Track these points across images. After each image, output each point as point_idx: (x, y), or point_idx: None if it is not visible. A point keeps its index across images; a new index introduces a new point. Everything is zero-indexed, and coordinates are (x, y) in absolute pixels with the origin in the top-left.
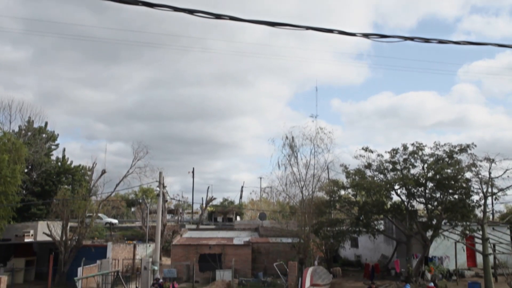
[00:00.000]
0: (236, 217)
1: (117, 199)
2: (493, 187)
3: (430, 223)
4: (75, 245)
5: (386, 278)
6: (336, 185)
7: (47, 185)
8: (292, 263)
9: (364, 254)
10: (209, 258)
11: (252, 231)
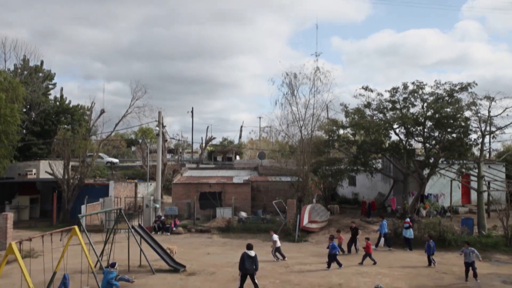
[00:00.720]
0: (236, 156)
1: (117, 138)
2: (491, 125)
3: (428, 161)
4: (78, 184)
5: (382, 215)
6: (335, 125)
7: (47, 125)
8: (290, 201)
9: (361, 192)
10: (209, 196)
11: (251, 170)
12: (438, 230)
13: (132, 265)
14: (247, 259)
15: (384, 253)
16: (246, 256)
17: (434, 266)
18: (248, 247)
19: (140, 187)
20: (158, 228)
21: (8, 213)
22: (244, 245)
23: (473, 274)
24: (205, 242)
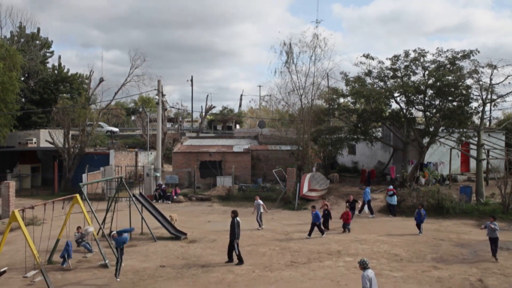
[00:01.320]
0: (236, 125)
1: (117, 107)
2: (492, 93)
3: (428, 130)
4: (78, 153)
5: (382, 184)
6: (335, 93)
7: (46, 94)
8: (290, 169)
9: (361, 160)
10: (209, 165)
11: (251, 139)
12: (437, 198)
13: (134, 232)
14: (238, 226)
15: (383, 220)
16: (238, 223)
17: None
18: (236, 214)
19: (140, 156)
20: (159, 196)
21: (10, 182)
22: (245, 213)
23: (493, 252)
24: (205, 210)
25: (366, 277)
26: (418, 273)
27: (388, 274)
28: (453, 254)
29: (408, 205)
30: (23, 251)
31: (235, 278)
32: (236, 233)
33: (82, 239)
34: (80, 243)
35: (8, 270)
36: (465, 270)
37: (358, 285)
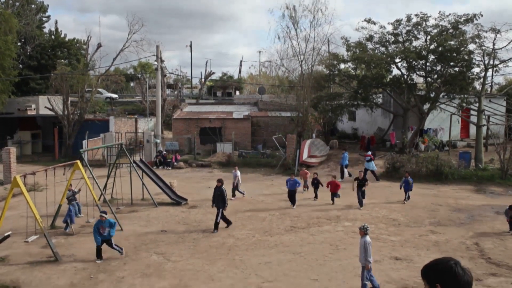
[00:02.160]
0: (236, 91)
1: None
2: (495, 59)
3: (428, 96)
4: (78, 119)
5: (381, 150)
6: (336, 59)
7: (43, 59)
8: (290, 136)
9: (361, 127)
10: (209, 131)
11: (251, 105)
12: (436, 164)
13: (135, 198)
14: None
15: (381, 186)
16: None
17: (405, 202)
18: (223, 182)
19: (140, 123)
20: (160, 162)
21: (11, 148)
22: (245, 179)
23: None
24: (206, 176)
25: (369, 243)
26: (415, 237)
27: (386, 238)
28: (451, 219)
29: (407, 171)
30: (25, 217)
31: (235, 242)
32: (224, 201)
33: (73, 197)
34: (71, 200)
35: (12, 235)
36: (462, 234)
37: (356, 249)
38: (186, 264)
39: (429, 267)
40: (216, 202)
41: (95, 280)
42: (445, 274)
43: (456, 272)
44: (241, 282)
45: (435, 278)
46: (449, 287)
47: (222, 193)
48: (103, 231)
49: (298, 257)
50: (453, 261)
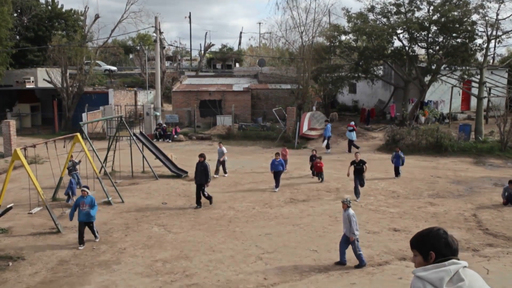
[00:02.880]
0: (235, 64)
1: (114, 46)
2: (498, 29)
3: (430, 68)
4: (77, 92)
5: (381, 122)
6: (336, 30)
7: (40, 31)
8: (290, 108)
9: (361, 99)
10: (209, 104)
11: (251, 78)
12: (436, 136)
13: (136, 171)
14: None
15: (381, 158)
16: (208, 166)
17: (397, 177)
18: (205, 157)
19: (139, 95)
20: (160, 135)
21: (11, 120)
22: (245, 152)
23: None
24: (206, 149)
25: (353, 215)
26: (414, 209)
27: (385, 210)
28: (449, 191)
29: (407, 143)
30: (27, 189)
31: (235, 214)
32: (207, 176)
33: (73, 168)
34: (71, 171)
35: (14, 207)
36: (460, 206)
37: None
38: (187, 235)
39: (420, 237)
40: (199, 177)
41: (97, 251)
42: (437, 241)
43: (447, 239)
44: (241, 253)
45: (429, 246)
46: (442, 254)
47: (205, 168)
48: (83, 207)
49: (298, 228)
50: (441, 229)
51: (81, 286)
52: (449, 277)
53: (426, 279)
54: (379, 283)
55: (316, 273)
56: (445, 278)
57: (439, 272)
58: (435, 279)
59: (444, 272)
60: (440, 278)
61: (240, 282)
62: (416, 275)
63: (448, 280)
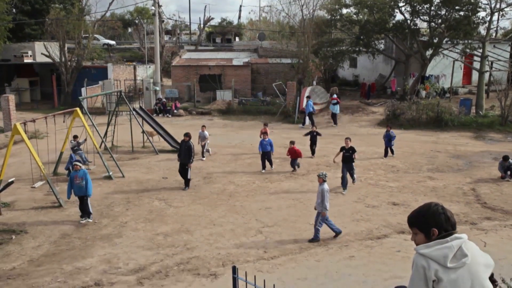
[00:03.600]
0: (235, 38)
1: (112, 19)
2: (501, 2)
3: (431, 41)
4: (76, 66)
5: (382, 97)
6: (338, 3)
7: (37, 4)
8: (290, 83)
9: (362, 74)
10: (209, 78)
11: (251, 52)
12: (436, 111)
13: (136, 146)
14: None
15: (381, 133)
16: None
17: (390, 155)
18: (190, 137)
19: (139, 70)
20: (159, 110)
21: (9, 95)
22: (245, 126)
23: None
24: (206, 124)
25: (327, 191)
26: (413, 183)
27: (384, 184)
28: (449, 165)
29: (407, 118)
30: (28, 163)
31: (236, 189)
32: (191, 156)
33: (78, 147)
34: (76, 151)
35: (16, 181)
36: (459, 180)
37: (355, 195)
38: (187, 209)
39: (420, 214)
40: (183, 156)
41: (99, 225)
42: (438, 217)
43: (446, 214)
44: (242, 227)
45: (431, 223)
46: (444, 229)
47: (190, 148)
48: (77, 180)
49: (298, 202)
50: (439, 205)
51: (83, 259)
52: (452, 254)
53: (430, 257)
54: (378, 256)
55: (315, 246)
56: (449, 255)
57: (443, 249)
58: (439, 256)
59: (448, 249)
60: (444, 255)
61: (241, 255)
62: (418, 252)
63: (451, 257)
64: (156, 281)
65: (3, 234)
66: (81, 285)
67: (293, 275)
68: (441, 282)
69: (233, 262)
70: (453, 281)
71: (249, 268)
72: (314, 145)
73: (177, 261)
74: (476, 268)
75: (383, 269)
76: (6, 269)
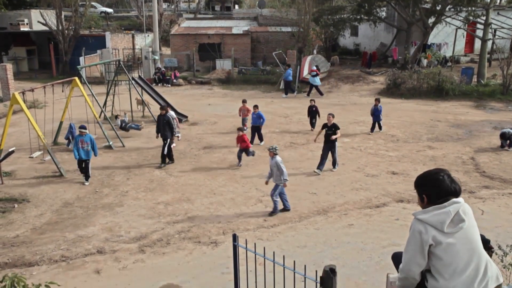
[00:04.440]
0: (235, 5)
1: None
2: None
3: (434, 9)
4: (73, 35)
5: (383, 66)
6: None
7: None
8: (291, 52)
9: (363, 42)
10: (208, 47)
11: (251, 20)
12: (437, 80)
13: (135, 115)
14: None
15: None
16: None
17: (373, 132)
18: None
19: (137, 39)
20: (159, 80)
21: (7, 64)
22: (245, 96)
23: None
24: (205, 93)
25: (281, 161)
26: (413, 152)
27: (384, 154)
28: (449, 134)
29: (408, 87)
30: (28, 133)
31: (235, 158)
32: (172, 130)
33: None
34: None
35: (16, 151)
36: (458, 149)
37: (355, 164)
38: (188, 179)
39: (418, 179)
40: (162, 131)
41: (100, 194)
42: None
43: (444, 182)
44: (242, 195)
45: (425, 189)
46: (437, 197)
47: (169, 121)
48: (83, 145)
49: (298, 172)
50: (442, 172)
51: (85, 227)
52: (450, 219)
53: (427, 222)
54: (376, 224)
55: (314, 215)
56: (446, 221)
57: (440, 215)
58: (436, 222)
59: (445, 215)
60: (441, 221)
61: (241, 223)
62: (416, 217)
63: (449, 222)
64: (157, 249)
65: (5, 202)
66: (84, 252)
67: (293, 243)
68: (438, 245)
69: (233, 230)
70: (450, 244)
71: (249, 236)
72: (314, 119)
73: (178, 229)
74: (472, 231)
75: (381, 237)
76: (10, 237)
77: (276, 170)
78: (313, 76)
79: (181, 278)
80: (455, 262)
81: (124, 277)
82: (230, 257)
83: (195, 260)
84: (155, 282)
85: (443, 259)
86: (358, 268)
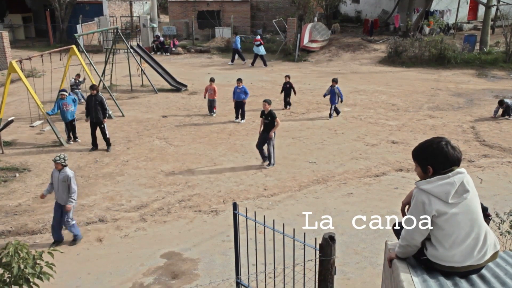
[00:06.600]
0: None
1: None
2: None
3: None
4: (70, 1)
5: (384, 34)
6: None
7: None
8: (291, 19)
9: (364, 9)
10: (207, 15)
11: None
12: (439, 48)
13: (135, 84)
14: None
15: (382, 71)
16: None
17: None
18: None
19: (135, 6)
20: (157, 48)
21: (3, 32)
22: (244, 64)
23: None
24: (205, 62)
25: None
26: (413, 121)
27: (384, 123)
28: (449, 103)
29: (409, 55)
30: (27, 102)
31: (235, 128)
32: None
33: (77, 86)
34: (74, 89)
35: (16, 120)
36: (459, 118)
37: (354, 133)
38: (188, 148)
39: (420, 149)
40: (94, 113)
41: (100, 164)
42: (437, 155)
43: (448, 151)
44: (242, 165)
45: (428, 160)
46: (441, 167)
47: (101, 102)
48: (67, 107)
49: (297, 141)
50: (443, 141)
51: (87, 196)
52: (454, 189)
53: (431, 193)
54: (376, 193)
55: (314, 184)
56: (451, 191)
57: (444, 185)
58: (440, 192)
59: (450, 185)
60: (446, 191)
61: (241, 192)
62: (420, 187)
63: (453, 192)
64: (158, 218)
65: (6, 172)
66: (85, 221)
67: (293, 212)
68: (442, 216)
69: (233, 199)
70: (453, 215)
71: (249, 205)
72: (288, 96)
73: (178, 198)
74: (474, 201)
75: (380, 205)
76: (12, 205)
77: (62, 187)
78: (257, 45)
79: (182, 246)
80: (456, 232)
81: (126, 245)
82: (231, 225)
83: (196, 228)
84: (156, 250)
85: (444, 229)
86: (357, 236)
